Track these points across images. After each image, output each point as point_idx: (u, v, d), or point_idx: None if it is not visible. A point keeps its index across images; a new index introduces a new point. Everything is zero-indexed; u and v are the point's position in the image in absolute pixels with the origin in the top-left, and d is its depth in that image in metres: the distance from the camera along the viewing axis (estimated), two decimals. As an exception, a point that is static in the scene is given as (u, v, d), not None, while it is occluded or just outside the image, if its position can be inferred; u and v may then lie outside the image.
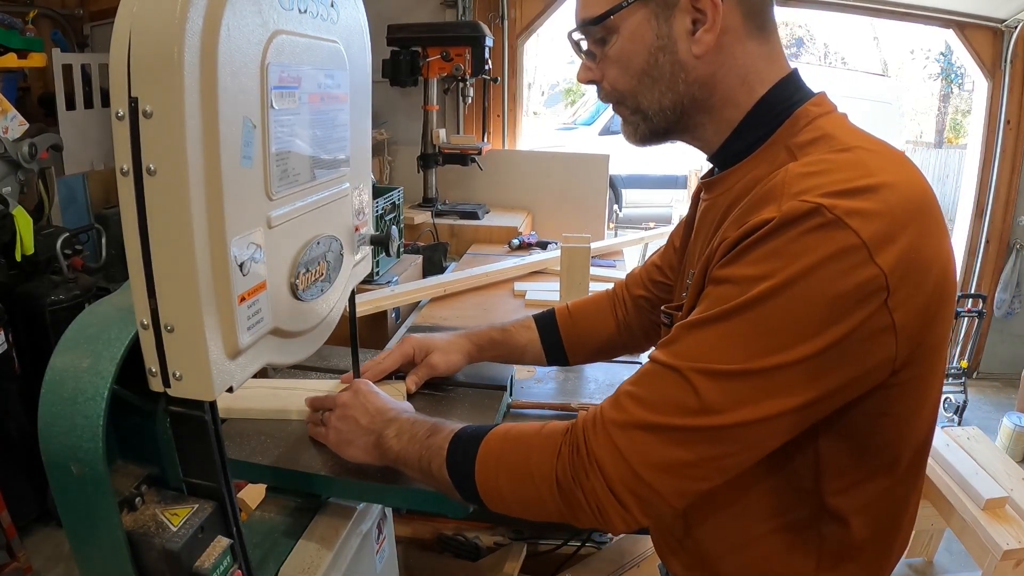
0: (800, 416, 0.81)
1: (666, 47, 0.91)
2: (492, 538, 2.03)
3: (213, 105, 0.76)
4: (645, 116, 0.97)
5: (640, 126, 0.99)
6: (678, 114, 0.96)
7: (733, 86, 0.93)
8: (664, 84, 0.93)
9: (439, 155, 3.99)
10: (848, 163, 0.81)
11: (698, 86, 0.93)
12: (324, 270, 1.06)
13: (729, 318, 0.79)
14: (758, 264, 0.78)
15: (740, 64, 0.92)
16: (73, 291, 2.77)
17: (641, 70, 0.93)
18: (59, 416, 0.82)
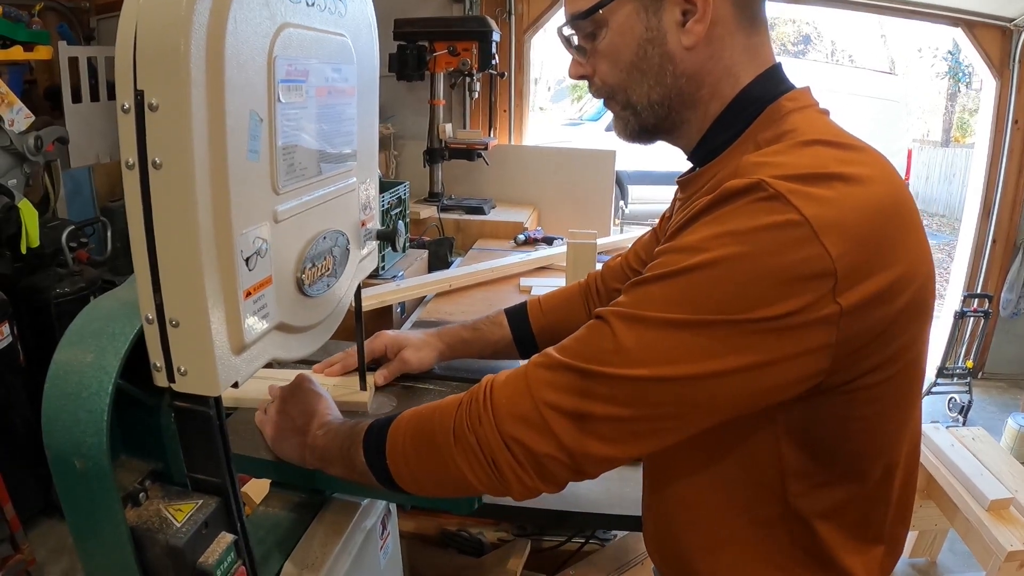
0: (719, 388, 0.77)
1: (655, 39, 0.90)
2: (496, 534, 2.03)
3: (219, 98, 0.75)
4: (635, 111, 0.96)
5: (630, 121, 0.98)
6: (666, 109, 0.94)
7: (719, 80, 0.91)
8: (653, 77, 0.92)
9: (445, 150, 3.98)
10: (805, 155, 0.80)
11: (686, 79, 0.91)
12: (330, 265, 1.05)
13: (665, 279, 0.78)
14: (699, 231, 0.78)
15: (728, 57, 0.90)
16: (78, 284, 2.77)
17: (630, 63, 0.92)
18: (63, 411, 0.81)
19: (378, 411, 1.35)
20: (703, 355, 0.75)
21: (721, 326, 0.74)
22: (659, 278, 0.79)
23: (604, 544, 2.03)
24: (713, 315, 0.74)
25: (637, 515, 1.46)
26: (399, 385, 1.44)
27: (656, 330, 0.77)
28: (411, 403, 1.38)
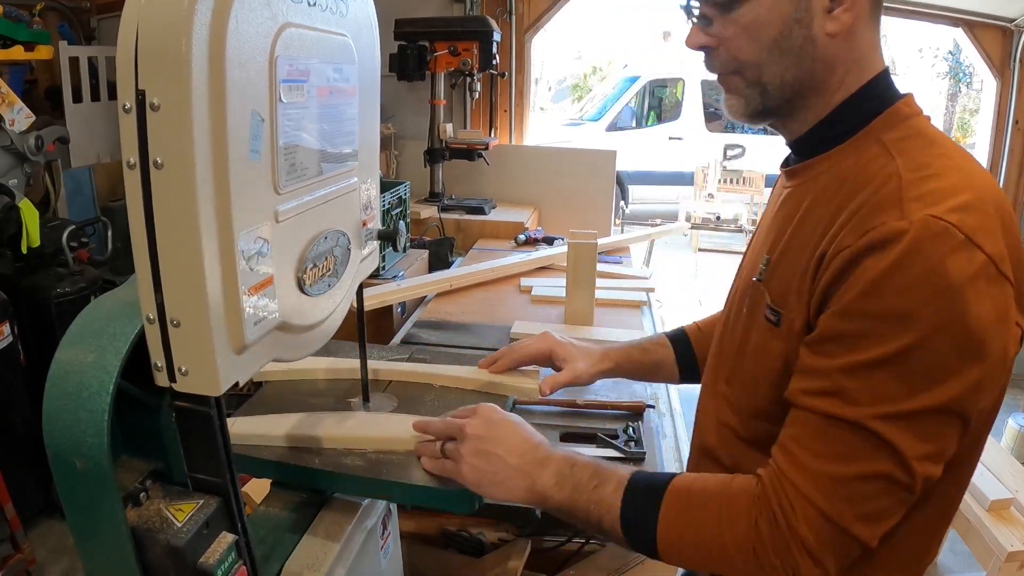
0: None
1: (803, 20, 0.89)
2: (496, 534, 2.02)
3: (221, 98, 0.75)
4: (764, 90, 0.95)
5: (754, 100, 0.97)
6: (794, 92, 0.94)
7: (848, 71, 0.92)
8: (792, 58, 0.91)
9: (446, 150, 3.98)
10: (950, 169, 0.83)
11: (821, 65, 0.92)
12: (331, 265, 1.05)
13: (891, 364, 0.79)
14: (903, 296, 0.78)
15: (857, 49, 0.91)
16: (79, 284, 2.77)
17: (772, 40, 0.91)
18: (63, 410, 0.81)
19: (378, 411, 1.35)
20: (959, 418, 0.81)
21: (963, 390, 0.79)
22: (882, 363, 0.79)
23: (604, 545, 2.02)
24: (952, 387, 0.78)
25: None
26: (400, 384, 1.44)
27: (920, 420, 0.79)
28: (412, 403, 1.38)
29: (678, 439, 1.82)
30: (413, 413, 1.34)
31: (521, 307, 2.71)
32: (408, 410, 1.36)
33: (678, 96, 10.99)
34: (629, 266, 3.37)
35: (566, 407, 1.86)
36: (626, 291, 2.87)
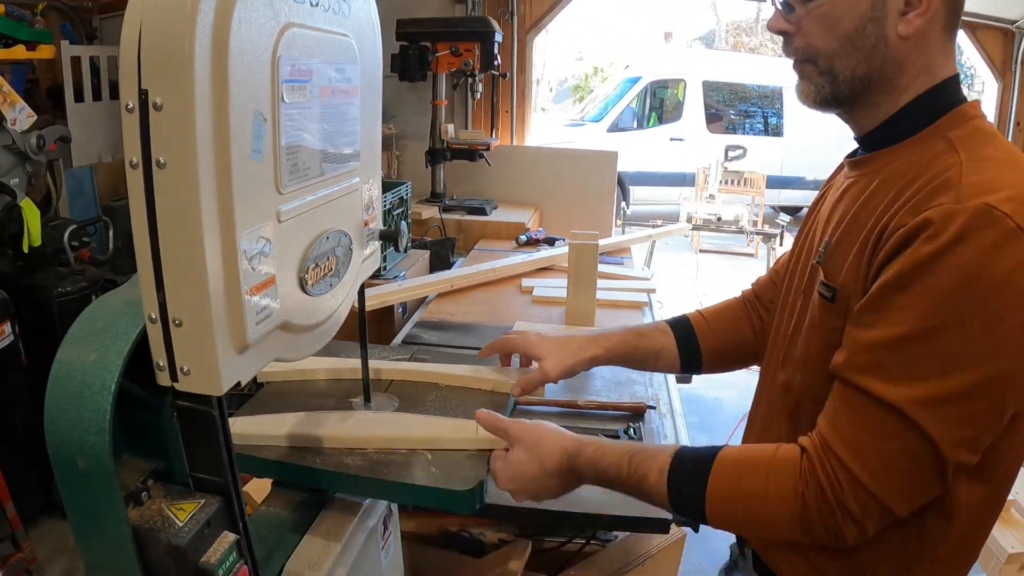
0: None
1: (877, 19, 0.94)
2: (497, 534, 2.02)
3: (224, 98, 0.75)
4: (834, 79, 0.99)
5: (824, 88, 1.01)
6: (864, 87, 0.98)
7: (918, 73, 0.97)
8: (864, 54, 0.96)
9: (447, 150, 3.98)
10: (1009, 162, 0.88)
11: (891, 64, 0.96)
12: (333, 265, 1.05)
13: (930, 336, 0.83)
14: (948, 276, 0.82)
15: (928, 54, 0.96)
16: (80, 283, 2.77)
17: (847, 34, 0.95)
18: (65, 410, 0.81)
19: (379, 411, 1.35)
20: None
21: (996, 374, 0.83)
22: (919, 338, 0.84)
23: (605, 545, 2.02)
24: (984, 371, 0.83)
25: (638, 516, 1.47)
26: (401, 384, 1.45)
27: (952, 407, 0.84)
28: (413, 403, 1.38)
29: (679, 440, 1.82)
30: (415, 413, 1.35)
31: (522, 308, 2.71)
32: (410, 410, 1.36)
33: (679, 97, 10.99)
34: (630, 267, 3.37)
35: (567, 407, 1.86)
36: (627, 292, 2.87)
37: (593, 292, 2.49)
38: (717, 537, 1.12)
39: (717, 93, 10.93)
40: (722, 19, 21.88)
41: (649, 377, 2.08)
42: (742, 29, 22.51)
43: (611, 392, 1.97)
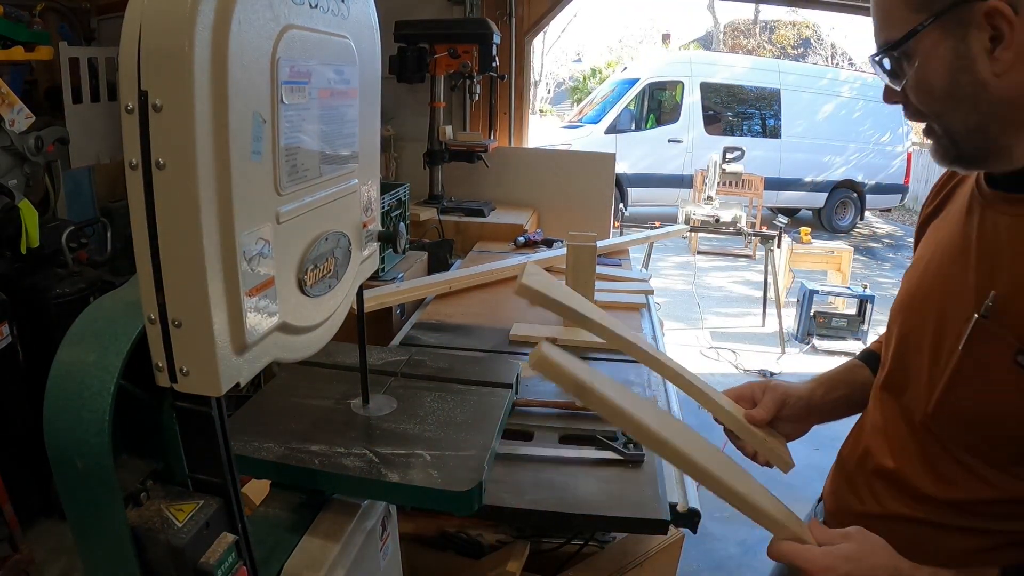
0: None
1: (965, 67, 0.89)
2: (495, 536, 2.02)
3: (223, 99, 0.76)
4: (954, 139, 0.95)
5: (950, 148, 0.96)
6: (985, 135, 0.93)
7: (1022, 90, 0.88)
8: (968, 104, 0.90)
9: (445, 152, 3.98)
10: None
11: (1004, 105, 0.89)
12: (332, 266, 1.05)
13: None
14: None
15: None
16: (78, 284, 2.77)
17: (944, 92, 0.91)
18: (64, 410, 0.81)
19: (379, 412, 1.35)
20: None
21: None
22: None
23: (603, 546, 2.02)
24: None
25: (637, 517, 1.47)
26: (399, 385, 1.45)
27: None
28: (412, 405, 1.38)
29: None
30: (413, 414, 1.35)
31: (520, 309, 2.71)
32: (409, 411, 1.36)
33: (677, 99, 11.01)
34: (628, 268, 3.38)
35: (565, 408, 1.86)
36: (625, 293, 2.87)
37: (591, 294, 2.49)
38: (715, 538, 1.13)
39: (715, 95, 10.95)
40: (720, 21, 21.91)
41: (647, 379, 2.08)
42: (740, 31, 22.54)
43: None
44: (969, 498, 0.99)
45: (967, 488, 0.98)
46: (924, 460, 1.04)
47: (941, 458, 1.02)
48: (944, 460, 1.01)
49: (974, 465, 0.97)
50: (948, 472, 1.00)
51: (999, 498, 0.96)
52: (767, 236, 6.08)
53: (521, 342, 2.37)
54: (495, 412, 1.37)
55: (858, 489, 1.15)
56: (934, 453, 1.03)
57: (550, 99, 19.35)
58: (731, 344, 6.01)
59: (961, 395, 0.98)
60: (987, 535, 0.99)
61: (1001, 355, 0.91)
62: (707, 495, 1.05)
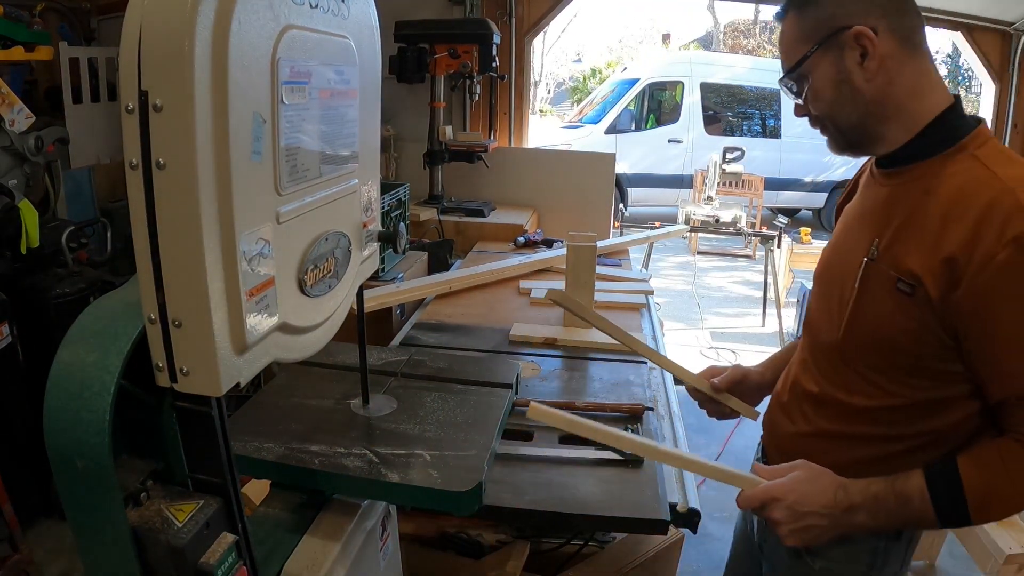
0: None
1: (845, 78, 1.19)
2: (495, 536, 2.02)
3: (223, 99, 0.76)
4: (842, 132, 1.25)
5: (840, 140, 1.27)
6: (864, 128, 1.23)
7: (902, 98, 1.19)
8: (850, 106, 1.21)
9: (445, 152, 3.98)
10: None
11: (874, 104, 1.19)
12: (332, 266, 1.05)
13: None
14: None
15: (907, 81, 1.18)
16: (78, 284, 2.77)
17: (832, 99, 1.22)
18: (65, 410, 0.81)
19: (378, 413, 1.35)
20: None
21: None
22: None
23: (603, 546, 2.02)
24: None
25: (637, 517, 1.47)
26: (399, 385, 1.45)
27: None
28: (412, 404, 1.38)
29: (677, 441, 1.82)
30: (413, 415, 1.35)
31: (520, 309, 2.71)
32: (408, 412, 1.36)
33: (677, 99, 11.01)
34: (628, 269, 3.38)
35: (565, 409, 1.86)
36: (625, 293, 2.87)
37: (591, 294, 2.49)
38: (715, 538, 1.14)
39: (715, 95, 10.94)
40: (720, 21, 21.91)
41: (647, 379, 2.08)
42: (740, 31, 22.52)
43: (609, 394, 1.97)
44: (879, 405, 1.24)
45: (876, 399, 1.24)
46: (840, 381, 1.30)
47: (853, 378, 1.27)
48: (855, 379, 1.27)
49: (878, 380, 1.23)
50: (859, 388, 1.26)
51: (901, 404, 1.22)
52: (767, 236, 6.08)
53: (521, 342, 2.37)
54: (495, 412, 1.37)
55: (790, 413, 1.42)
56: (847, 374, 1.29)
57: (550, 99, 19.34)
58: (731, 344, 6.01)
59: (861, 322, 1.24)
60: (899, 440, 1.23)
61: (885, 286, 1.19)
62: (707, 495, 1.12)
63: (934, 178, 1.16)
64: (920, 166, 1.20)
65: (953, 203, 1.11)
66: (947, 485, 1.14)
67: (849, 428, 1.28)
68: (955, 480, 1.13)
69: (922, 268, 1.13)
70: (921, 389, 1.20)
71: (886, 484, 1.17)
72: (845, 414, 1.29)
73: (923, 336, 1.15)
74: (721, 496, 3.13)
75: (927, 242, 1.13)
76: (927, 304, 1.13)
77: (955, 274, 1.09)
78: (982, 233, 1.06)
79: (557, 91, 19.99)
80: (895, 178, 1.24)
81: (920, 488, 1.15)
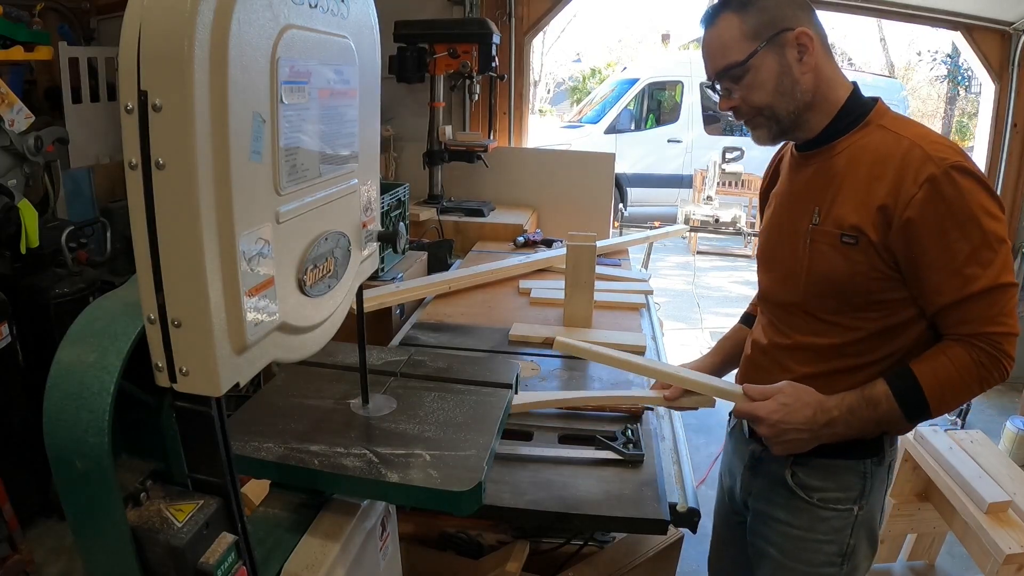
0: None
1: (786, 71, 1.38)
2: (495, 536, 2.02)
3: (223, 99, 0.75)
4: (778, 120, 1.42)
5: (773, 128, 1.44)
6: (797, 115, 1.41)
7: (824, 89, 1.41)
8: (788, 96, 1.39)
9: (445, 152, 3.98)
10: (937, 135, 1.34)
11: (807, 94, 1.40)
12: (332, 266, 1.05)
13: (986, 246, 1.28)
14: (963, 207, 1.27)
15: (825, 74, 1.40)
16: (78, 284, 2.77)
17: (774, 90, 1.39)
18: (64, 410, 0.81)
19: (379, 412, 1.35)
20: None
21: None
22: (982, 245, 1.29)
23: (603, 546, 2.02)
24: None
25: (636, 517, 1.47)
26: (399, 385, 1.45)
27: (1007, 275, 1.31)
28: (411, 404, 1.38)
29: (676, 441, 1.82)
30: (412, 415, 1.35)
31: (520, 309, 2.71)
32: (408, 411, 1.36)
33: (677, 99, 11.01)
34: (628, 268, 3.38)
35: (565, 409, 1.86)
36: (625, 293, 2.87)
37: (591, 294, 2.49)
38: (715, 538, 1.15)
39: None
40: (720, 21, 21.87)
41: (646, 379, 2.08)
42: (739, 31, 22.46)
43: (608, 391, 1.97)
44: (845, 341, 1.43)
45: (842, 336, 1.43)
46: (808, 329, 1.49)
47: (818, 325, 1.47)
48: (820, 325, 1.46)
49: (841, 320, 1.43)
50: (825, 331, 1.45)
51: (864, 336, 1.41)
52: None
53: (520, 342, 2.37)
54: (495, 412, 1.37)
55: (767, 369, 1.57)
56: (812, 323, 1.48)
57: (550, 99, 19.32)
58: (731, 344, 6.00)
59: (816, 278, 1.43)
60: (869, 366, 1.42)
61: (831, 243, 1.39)
62: (707, 495, 1.12)
63: (853, 148, 1.39)
64: (839, 143, 1.42)
65: (874, 164, 1.34)
66: (904, 382, 1.35)
67: (826, 365, 1.46)
68: (910, 376, 1.35)
69: (861, 220, 1.34)
70: (878, 320, 1.39)
71: (856, 394, 1.39)
72: (818, 355, 1.47)
73: (870, 274, 1.36)
74: (721, 496, 3.13)
75: (860, 199, 1.35)
76: (870, 247, 1.34)
77: (887, 217, 1.31)
78: (902, 180, 1.29)
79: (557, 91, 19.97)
80: (817, 157, 1.45)
81: (885, 391, 1.36)
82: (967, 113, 14.99)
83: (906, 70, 16.37)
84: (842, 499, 1.49)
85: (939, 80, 15.65)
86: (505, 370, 1.54)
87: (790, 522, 1.54)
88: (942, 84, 15.62)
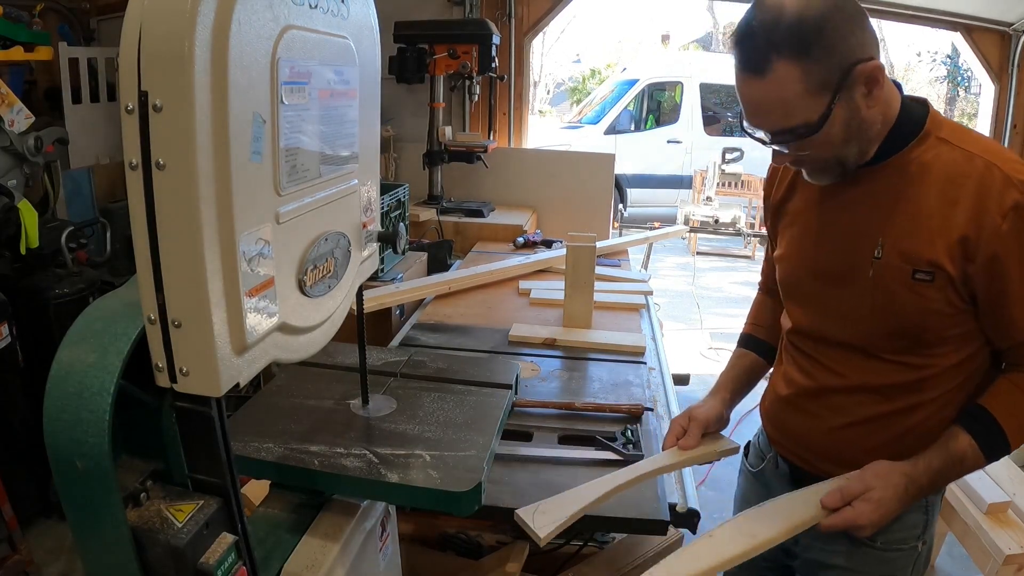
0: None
1: (855, 114, 1.16)
2: (494, 536, 2.03)
3: (223, 100, 0.76)
4: (845, 165, 1.24)
5: (837, 171, 1.25)
6: (864, 153, 1.23)
7: (885, 112, 1.20)
8: (856, 139, 1.20)
9: (445, 152, 3.98)
10: (1007, 151, 1.23)
11: (876, 126, 1.20)
12: (332, 267, 1.05)
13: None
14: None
15: (886, 99, 1.20)
16: (77, 285, 2.77)
17: (842, 139, 1.18)
18: (65, 410, 0.81)
19: (378, 413, 1.35)
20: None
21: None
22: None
23: (602, 547, 2.03)
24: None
25: (636, 517, 1.47)
26: (399, 386, 1.45)
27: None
28: (411, 405, 1.38)
29: (676, 441, 1.82)
30: (412, 415, 1.35)
31: (519, 310, 2.72)
32: (408, 412, 1.36)
33: (677, 99, 11.00)
34: (628, 269, 3.38)
35: (564, 409, 1.86)
36: (624, 294, 2.87)
37: (590, 294, 2.49)
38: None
39: (714, 95, 10.93)
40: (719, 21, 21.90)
41: (646, 379, 2.08)
42: (739, 32, 22.44)
43: (608, 394, 1.97)
44: (909, 380, 1.29)
45: (907, 375, 1.29)
46: (870, 369, 1.32)
47: (881, 365, 1.31)
48: (884, 365, 1.31)
49: (907, 359, 1.28)
50: (889, 371, 1.30)
51: (934, 373, 1.28)
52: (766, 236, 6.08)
53: (520, 342, 2.37)
54: (494, 412, 1.37)
55: (817, 414, 1.40)
56: (874, 362, 1.32)
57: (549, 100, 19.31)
58: (731, 345, 6.00)
59: (885, 317, 1.27)
60: (930, 404, 1.29)
61: (901, 280, 1.23)
62: (707, 496, 1.12)
63: (915, 166, 1.23)
64: (894, 160, 1.25)
65: (946, 186, 1.19)
66: (987, 429, 1.25)
67: (888, 406, 1.32)
68: (991, 422, 1.24)
69: (938, 254, 1.19)
70: (948, 355, 1.27)
71: (940, 453, 1.26)
72: (882, 396, 1.33)
73: (945, 311, 1.22)
74: (721, 496, 3.13)
75: (935, 229, 1.19)
76: (948, 283, 1.20)
77: (968, 251, 1.17)
78: (984, 208, 1.15)
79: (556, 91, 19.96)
80: (867, 176, 1.28)
81: (969, 443, 1.25)
82: (967, 114, 14.97)
83: (906, 71, 16.35)
84: (907, 538, 1.39)
85: (939, 81, 15.65)
86: (505, 371, 1.54)
87: (852, 568, 1.43)
88: (942, 85, 15.62)
